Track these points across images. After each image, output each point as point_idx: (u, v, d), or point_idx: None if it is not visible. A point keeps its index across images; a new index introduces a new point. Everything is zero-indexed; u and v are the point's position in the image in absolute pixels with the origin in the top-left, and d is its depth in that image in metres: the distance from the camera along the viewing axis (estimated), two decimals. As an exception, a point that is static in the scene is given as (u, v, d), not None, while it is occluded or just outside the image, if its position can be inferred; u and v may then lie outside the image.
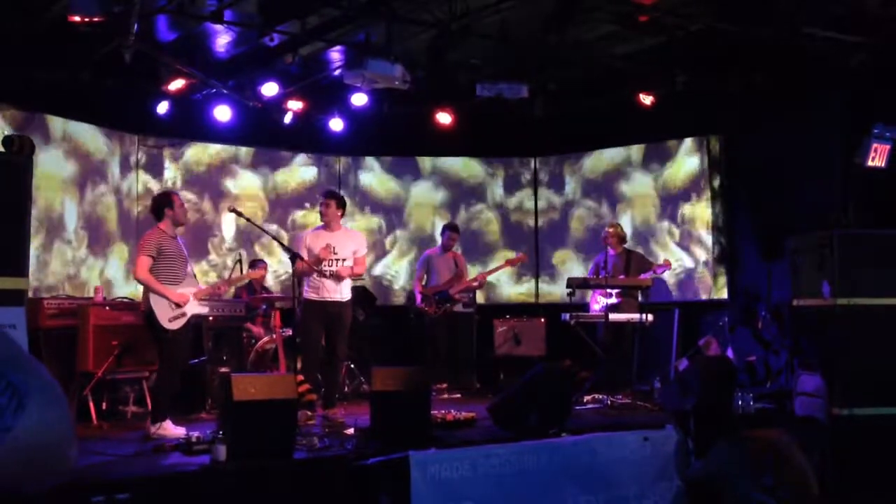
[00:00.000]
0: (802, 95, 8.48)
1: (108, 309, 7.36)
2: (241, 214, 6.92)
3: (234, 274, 8.22)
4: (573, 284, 8.19)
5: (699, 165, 9.67)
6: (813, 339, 6.75)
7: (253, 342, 8.07)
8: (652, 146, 10.08)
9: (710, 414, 4.62)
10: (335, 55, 8.88)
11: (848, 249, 6.31)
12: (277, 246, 8.00)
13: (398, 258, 10.62)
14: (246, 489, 4.94)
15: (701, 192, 9.63)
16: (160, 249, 6.24)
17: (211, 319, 7.78)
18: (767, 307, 8.49)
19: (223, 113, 9.26)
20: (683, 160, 9.81)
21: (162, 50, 8.20)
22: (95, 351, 6.94)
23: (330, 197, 7.33)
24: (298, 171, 10.33)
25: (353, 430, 6.17)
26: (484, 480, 4.90)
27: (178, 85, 8.60)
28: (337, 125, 9.89)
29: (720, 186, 9.58)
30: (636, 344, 8.15)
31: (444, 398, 8.45)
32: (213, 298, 7.24)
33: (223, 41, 8.40)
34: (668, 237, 9.85)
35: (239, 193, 9.83)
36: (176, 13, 7.34)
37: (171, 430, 6.03)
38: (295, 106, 9.41)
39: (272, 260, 9.69)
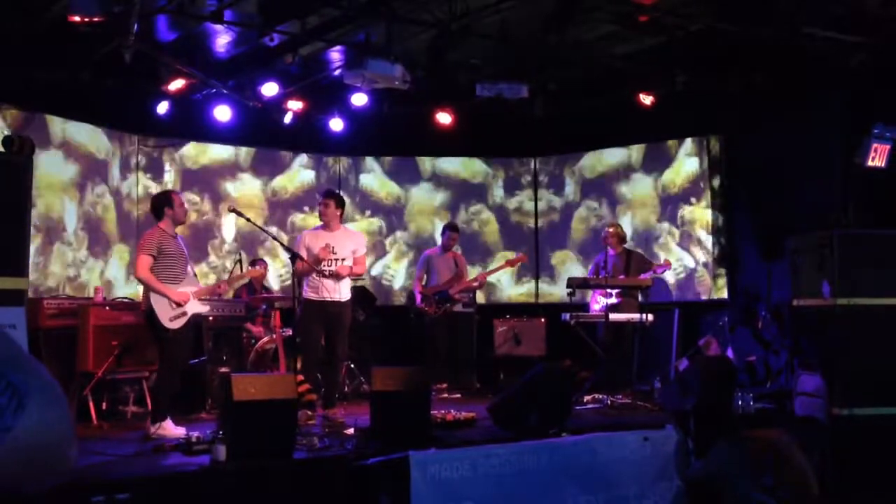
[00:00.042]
0: (802, 95, 8.48)
1: (108, 309, 7.36)
2: (241, 214, 6.92)
3: (234, 273, 8.22)
4: (573, 284, 8.19)
5: (699, 165, 9.66)
6: (813, 339, 6.75)
7: (253, 342, 8.06)
8: (652, 146, 10.07)
9: (710, 414, 4.63)
10: (335, 55, 8.88)
11: (848, 249, 6.31)
12: (278, 246, 8.01)
13: (397, 258, 10.63)
14: (246, 489, 4.94)
15: (701, 192, 9.62)
16: (160, 248, 6.24)
17: (211, 319, 7.79)
18: (767, 307, 8.49)
19: (223, 113, 9.26)
20: (683, 160, 9.80)
21: (162, 50, 8.20)
22: (95, 351, 6.94)
23: (329, 197, 7.32)
24: (298, 173, 10.33)
25: (353, 430, 6.17)
26: (484, 480, 4.90)
27: (178, 85, 8.60)
28: (337, 125, 9.89)
29: (720, 186, 9.58)
30: (636, 344, 8.15)
31: (444, 398, 8.45)
32: (213, 298, 7.24)
33: (223, 41, 8.40)
34: (668, 238, 9.85)
35: (238, 196, 9.82)
36: (176, 13, 7.34)
37: (171, 430, 6.03)
38: (295, 106, 9.41)
39: (276, 262, 9.69)
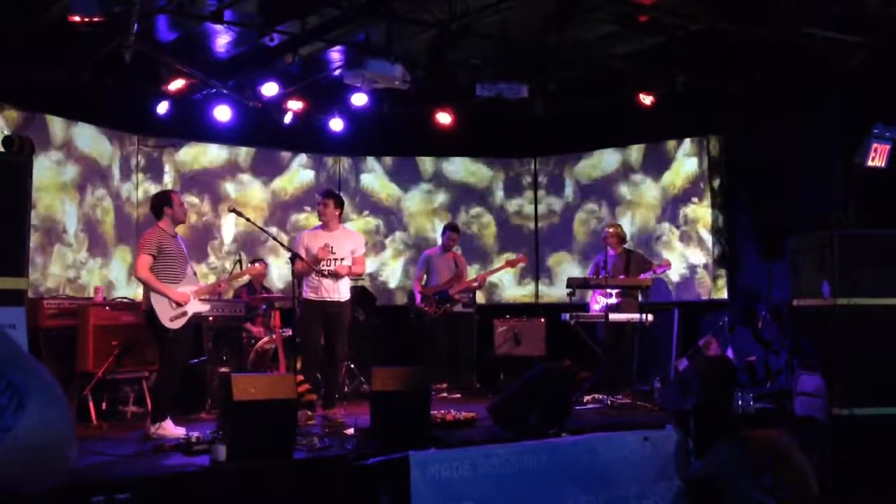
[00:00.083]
0: (802, 95, 8.48)
1: (107, 309, 7.36)
2: (240, 214, 6.92)
3: (234, 272, 8.22)
4: (573, 284, 8.18)
5: (699, 166, 9.66)
6: (813, 339, 6.75)
7: (253, 342, 8.06)
8: (652, 147, 10.07)
9: (710, 414, 4.63)
10: (335, 55, 8.88)
11: (848, 249, 6.31)
12: (278, 247, 8.00)
13: (394, 256, 10.62)
14: (246, 489, 4.94)
15: (701, 192, 9.62)
16: (160, 248, 6.24)
17: (211, 319, 7.79)
18: (767, 307, 8.49)
19: (223, 113, 9.26)
20: (683, 161, 9.80)
21: (162, 50, 8.20)
22: (95, 351, 6.94)
23: (328, 196, 7.31)
24: (298, 173, 10.32)
25: (353, 430, 6.17)
26: (484, 480, 4.90)
27: (178, 85, 8.60)
28: (337, 125, 9.90)
29: (720, 187, 9.58)
30: (636, 344, 8.15)
31: (444, 398, 8.45)
32: (213, 297, 7.24)
33: (223, 41, 8.40)
34: (668, 238, 9.85)
35: (238, 197, 9.81)
36: (176, 13, 7.34)
37: (170, 430, 6.03)
38: (295, 106, 9.41)
39: (276, 261, 9.68)
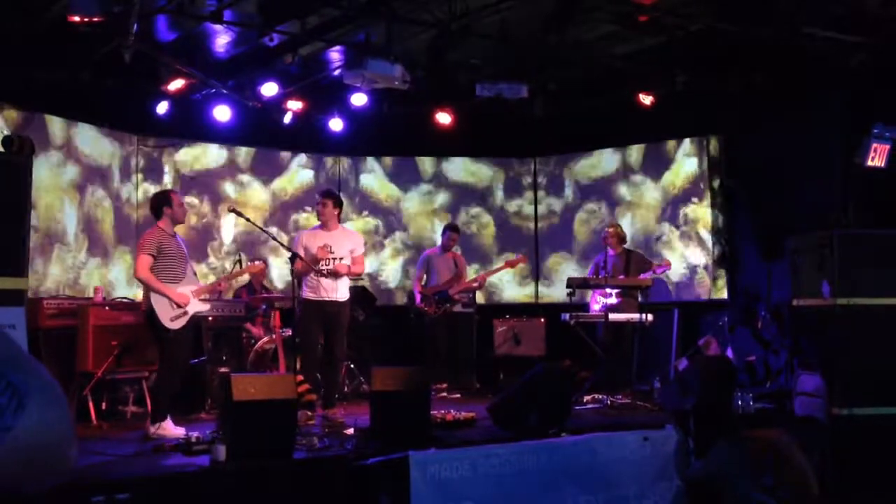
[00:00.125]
0: (802, 95, 8.48)
1: (107, 309, 7.36)
2: (240, 214, 6.92)
3: (234, 271, 8.21)
4: (573, 284, 8.18)
5: (699, 166, 9.66)
6: (813, 339, 6.75)
7: (252, 342, 8.06)
8: (652, 147, 10.07)
9: (710, 414, 4.63)
10: (335, 55, 8.88)
11: (848, 249, 6.30)
12: (278, 247, 8.00)
13: (392, 257, 10.63)
14: (246, 489, 4.94)
15: (701, 192, 9.62)
16: (160, 248, 6.23)
17: (211, 319, 7.78)
18: (767, 307, 8.49)
19: (223, 113, 9.26)
20: (683, 161, 9.80)
21: (162, 50, 8.20)
22: (95, 351, 6.94)
23: (327, 196, 7.30)
24: (297, 173, 10.32)
25: (352, 430, 6.17)
26: (484, 480, 4.90)
27: (177, 85, 8.60)
28: (337, 125, 9.89)
29: (720, 187, 9.58)
30: (636, 344, 8.15)
31: (443, 398, 8.45)
32: (213, 296, 7.23)
33: (223, 41, 8.40)
34: (668, 238, 9.85)
35: (238, 198, 9.79)
36: (176, 13, 7.34)
37: (170, 430, 6.03)
38: (295, 106, 9.41)
39: (278, 261, 9.68)
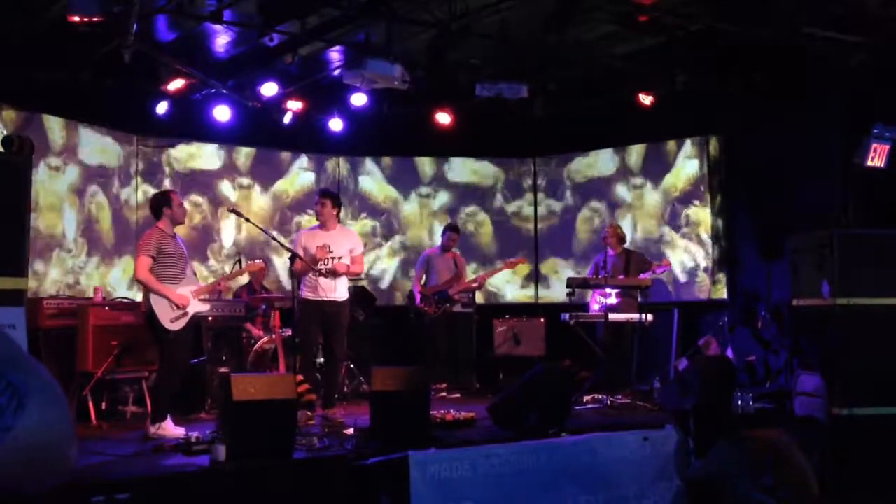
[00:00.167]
0: (802, 95, 8.48)
1: (107, 309, 7.36)
2: (240, 214, 6.93)
3: (234, 271, 8.21)
4: (573, 284, 8.18)
5: (699, 166, 9.66)
6: (813, 339, 6.75)
7: (252, 342, 8.06)
8: (652, 147, 10.07)
9: (710, 414, 4.63)
10: (335, 55, 8.89)
11: (848, 249, 6.30)
12: (278, 247, 8.00)
13: (389, 256, 10.63)
14: (246, 489, 4.93)
15: (701, 192, 9.62)
16: (160, 249, 6.22)
17: (210, 319, 7.78)
18: (767, 307, 8.49)
19: (223, 113, 9.26)
20: (683, 161, 9.79)
21: (161, 50, 8.20)
22: (95, 351, 6.94)
23: (325, 196, 7.29)
24: (298, 175, 10.31)
25: (352, 430, 6.17)
26: (484, 480, 4.90)
27: (177, 85, 8.60)
28: (336, 125, 9.89)
29: (720, 187, 9.58)
30: (636, 344, 8.15)
31: (443, 398, 8.45)
32: (213, 296, 7.23)
33: (223, 41, 8.40)
34: (668, 238, 9.84)
35: (239, 200, 9.77)
36: (175, 13, 7.33)
37: (170, 430, 6.02)
38: (294, 106, 9.41)
39: (282, 260, 9.67)
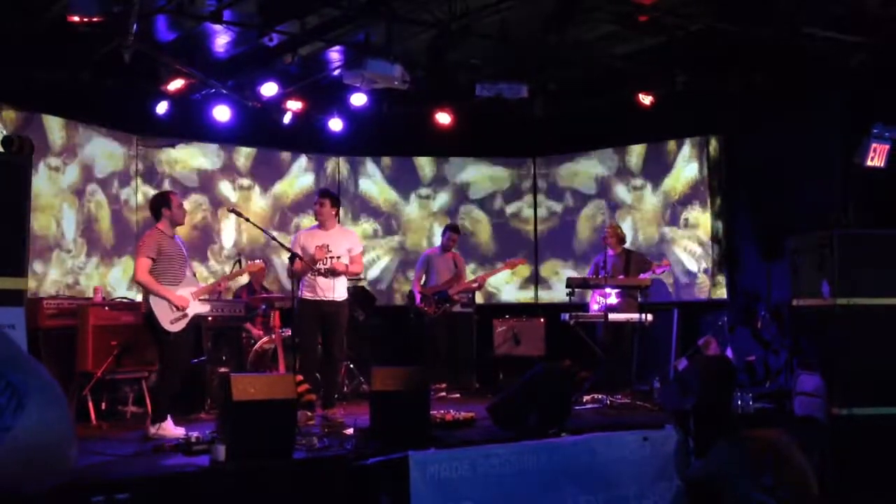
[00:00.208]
0: (802, 95, 8.48)
1: (107, 309, 7.35)
2: (240, 214, 6.93)
3: (233, 271, 8.21)
4: (573, 284, 8.19)
5: (699, 166, 9.66)
6: (812, 339, 6.75)
7: (252, 342, 8.06)
8: (652, 147, 10.07)
9: (709, 414, 4.63)
10: (335, 55, 8.88)
11: (848, 249, 6.30)
12: (278, 248, 7.99)
13: (385, 255, 10.63)
14: (246, 489, 4.93)
15: (701, 192, 9.62)
16: (160, 250, 6.22)
17: (210, 320, 7.78)
18: (767, 307, 8.49)
19: (222, 113, 9.26)
20: (684, 161, 9.79)
21: (161, 50, 8.20)
22: (95, 351, 6.94)
23: (324, 196, 7.29)
24: (298, 177, 10.31)
25: (352, 430, 6.16)
26: (484, 480, 4.90)
27: (177, 85, 8.59)
28: (336, 125, 9.89)
29: (720, 187, 9.58)
30: (636, 344, 8.15)
31: (443, 398, 8.45)
32: (212, 297, 7.23)
33: (222, 41, 8.40)
34: (668, 238, 9.84)
35: (239, 202, 9.76)
36: (175, 13, 7.33)
37: (170, 430, 6.02)
38: (294, 106, 9.41)
39: (283, 259, 9.66)
